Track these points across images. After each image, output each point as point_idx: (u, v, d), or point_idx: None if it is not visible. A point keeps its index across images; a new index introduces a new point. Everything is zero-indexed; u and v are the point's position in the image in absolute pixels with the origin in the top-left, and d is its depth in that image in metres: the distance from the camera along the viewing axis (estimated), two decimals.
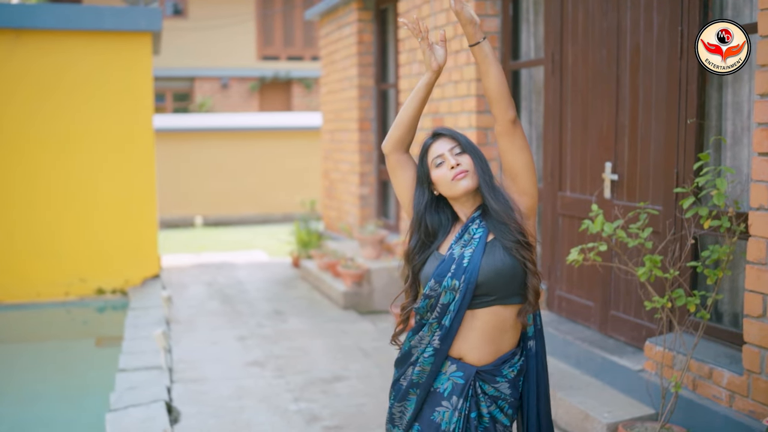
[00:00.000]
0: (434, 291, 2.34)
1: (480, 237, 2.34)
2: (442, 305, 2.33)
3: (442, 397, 2.37)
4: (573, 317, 4.93)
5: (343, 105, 8.89)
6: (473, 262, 2.30)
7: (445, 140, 2.39)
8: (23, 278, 7.69)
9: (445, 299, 2.33)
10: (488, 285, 2.30)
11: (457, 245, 2.36)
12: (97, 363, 6.29)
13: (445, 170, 2.36)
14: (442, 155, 2.37)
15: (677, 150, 3.99)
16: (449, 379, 2.37)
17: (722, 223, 3.34)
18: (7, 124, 7.61)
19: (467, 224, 2.38)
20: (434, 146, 2.39)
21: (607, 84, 4.52)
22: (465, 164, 2.36)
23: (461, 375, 2.35)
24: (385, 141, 2.48)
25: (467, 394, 2.34)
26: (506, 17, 5.46)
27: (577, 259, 3.66)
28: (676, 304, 3.55)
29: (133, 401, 4.44)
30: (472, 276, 2.29)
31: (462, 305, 2.31)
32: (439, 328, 2.35)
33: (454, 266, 2.32)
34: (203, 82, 20.66)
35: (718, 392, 3.55)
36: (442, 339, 2.35)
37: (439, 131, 2.41)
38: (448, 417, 2.35)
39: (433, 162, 2.38)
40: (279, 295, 7.78)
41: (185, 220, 14.33)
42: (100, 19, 7.63)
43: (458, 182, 2.35)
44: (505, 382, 2.37)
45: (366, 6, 8.27)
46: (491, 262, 2.30)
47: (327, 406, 4.62)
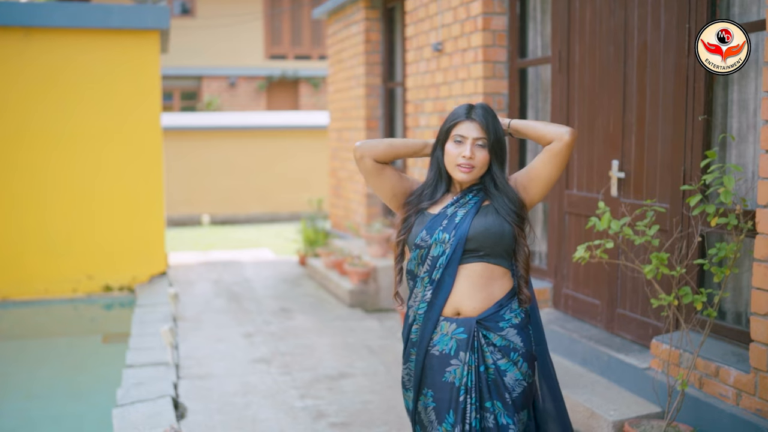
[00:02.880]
0: (424, 242, 2.44)
1: (475, 202, 2.46)
2: (432, 257, 2.42)
3: (449, 356, 2.41)
4: (579, 315, 4.93)
5: (350, 103, 8.90)
6: (466, 219, 2.42)
7: (477, 128, 2.44)
8: (31, 275, 7.73)
9: (435, 251, 2.42)
10: (477, 241, 2.40)
11: (452, 207, 2.47)
12: (105, 359, 6.31)
13: (458, 152, 2.43)
14: (465, 139, 2.43)
15: (684, 147, 3.99)
16: (452, 338, 2.41)
17: (729, 220, 3.34)
18: (16, 121, 7.65)
19: (465, 192, 2.49)
20: (465, 126, 2.44)
21: (614, 82, 4.51)
22: (477, 160, 2.43)
23: (462, 330, 2.40)
24: (367, 148, 2.52)
25: (473, 346, 2.39)
26: (513, 15, 5.45)
27: (584, 256, 3.65)
28: (682, 301, 3.54)
29: (140, 397, 4.46)
30: (463, 231, 2.39)
31: (452, 259, 2.39)
32: (430, 282, 2.43)
33: (446, 221, 2.44)
34: (211, 80, 20.70)
35: (724, 390, 3.54)
36: (434, 292, 2.42)
37: (476, 116, 2.44)
38: (460, 372, 2.39)
39: (454, 135, 2.45)
40: (285, 293, 7.79)
41: (192, 218, 14.37)
42: (108, 17, 7.65)
43: (459, 171, 2.44)
44: (511, 328, 2.41)
45: (373, 5, 8.28)
46: (482, 221, 2.42)
47: (333, 402, 4.63)
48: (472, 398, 2.36)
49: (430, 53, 6.25)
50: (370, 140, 2.54)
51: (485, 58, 5.48)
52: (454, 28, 5.83)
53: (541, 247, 5.40)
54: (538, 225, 5.45)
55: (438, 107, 6.16)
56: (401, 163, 7.97)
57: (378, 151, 2.52)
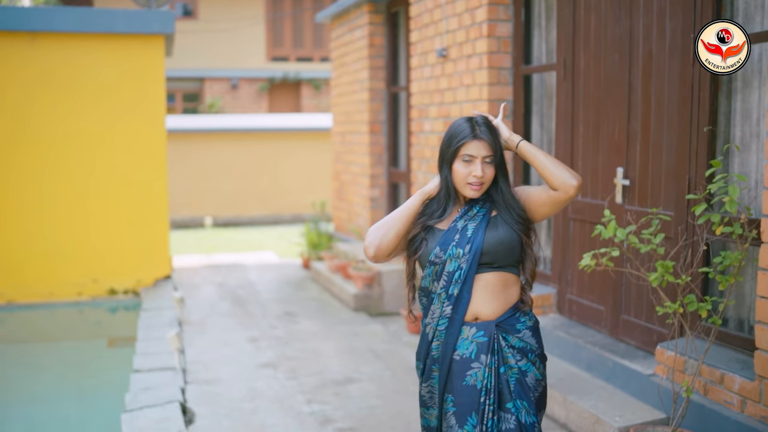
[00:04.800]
0: (439, 258, 2.48)
1: (483, 214, 2.52)
2: (448, 273, 2.47)
3: (470, 360, 2.46)
4: (584, 321, 4.96)
5: (353, 107, 8.94)
6: (478, 233, 2.47)
7: (484, 146, 2.49)
8: (36, 278, 7.76)
9: (451, 267, 2.47)
10: (491, 254, 2.47)
11: (461, 220, 2.52)
12: (110, 363, 6.34)
13: (468, 171, 2.48)
14: (474, 159, 2.48)
15: (689, 156, 4.02)
16: (472, 341, 2.47)
17: (734, 229, 3.37)
18: (22, 125, 7.68)
19: (471, 203, 2.54)
20: (473, 145, 2.48)
21: (619, 90, 4.55)
22: (486, 177, 2.50)
23: (482, 333, 2.46)
24: (374, 249, 2.52)
25: (493, 349, 2.45)
26: (518, 22, 5.49)
27: (590, 264, 3.69)
28: (687, 309, 3.57)
29: (148, 402, 4.49)
30: (478, 246, 2.45)
31: (469, 274, 2.45)
32: (447, 298, 2.47)
33: (458, 236, 2.48)
34: (213, 82, 20.74)
35: (729, 397, 3.57)
36: (454, 308, 2.47)
37: (483, 135, 2.48)
38: (481, 374, 2.44)
39: (463, 155, 2.49)
40: (290, 297, 7.83)
41: (195, 220, 14.40)
42: (113, 22, 7.69)
43: (471, 190, 2.50)
44: (527, 330, 2.50)
45: (377, 9, 8.31)
46: (494, 234, 2.48)
47: (339, 408, 4.66)
48: (491, 399, 2.42)
49: (435, 59, 6.28)
50: (373, 240, 2.52)
51: (490, 64, 5.51)
52: (459, 34, 5.86)
53: (546, 253, 5.43)
54: (542, 231, 5.49)
55: (443, 112, 6.20)
56: (405, 165, 8.00)
57: (386, 247, 2.52)
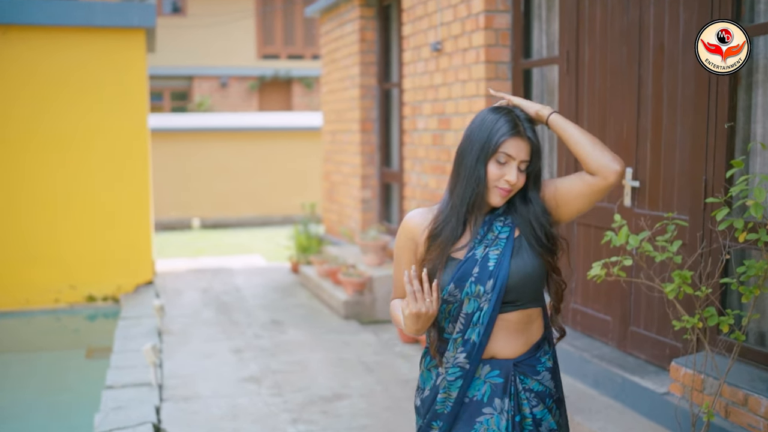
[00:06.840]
0: (453, 297, 2.06)
1: (507, 236, 2.09)
2: (466, 315, 2.05)
3: (481, 404, 2.07)
4: (589, 332, 4.64)
5: (344, 105, 8.60)
6: (502, 264, 2.04)
7: (526, 149, 2.08)
8: (11, 285, 7.40)
9: (469, 308, 2.05)
10: (517, 291, 2.06)
11: (480, 245, 2.08)
12: (88, 376, 6.00)
13: (500, 173, 2.07)
14: (512, 161, 2.07)
15: (706, 156, 3.69)
16: (485, 382, 2.07)
17: (760, 236, 3.04)
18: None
19: (491, 219, 2.11)
20: (514, 144, 2.07)
21: (628, 84, 4.22)
22: (518, 185, 2.09)
23: (498, 373, 2.07)
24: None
25: (510, 392, 2.06)
26: (517, 13, 5.16)
27: (600, 274, 3.35)
28: (707, 323, 3.25)
29: (118, 424, 4.14)
30: (502, 282, 2.03)
31: (492, 317, 2.03)
32: (463, 343, 2.06)
33: (477, 269, 2.05)
34: (202, 81, 20.36)
35: (754, 421, 3.25)
36: (470, 355, 2.05)
37: (528, 133, 2.09)
38: (495, 423, 2.04)
39: (500, 154, 2.06)
40: (277, 304, 7.48)
41: (182, 222, 14.04)
42: (91, 15, 7.33)
43: (498, 195, 2.09)
44: (546, 372, 2.12)
45: (368, 2, 7.97)
46: (521, 265, 2.06)
47: (327, 428, 4.32)
48: None
49: (429, 53, 5.95)
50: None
51: (487, 58, 5.18)
52: (454, 26, 5.53)
53: None
54: None
55: (437, 109, 5.86)
56: (398, 165, 7.67)
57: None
